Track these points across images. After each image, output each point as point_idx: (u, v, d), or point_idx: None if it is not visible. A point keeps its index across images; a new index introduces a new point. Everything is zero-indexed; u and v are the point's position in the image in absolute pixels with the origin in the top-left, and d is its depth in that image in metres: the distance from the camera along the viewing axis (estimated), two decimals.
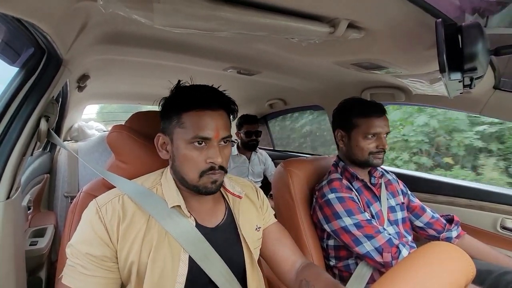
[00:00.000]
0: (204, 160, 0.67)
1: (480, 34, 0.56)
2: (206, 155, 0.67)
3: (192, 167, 0.67)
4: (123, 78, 1.77)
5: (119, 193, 0.68)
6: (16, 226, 0.73)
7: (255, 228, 0.80)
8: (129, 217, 0.65)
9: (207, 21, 0.62)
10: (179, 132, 0.68)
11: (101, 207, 0.64)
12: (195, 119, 0.66)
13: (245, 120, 2.25)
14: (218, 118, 0.68)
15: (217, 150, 0.67)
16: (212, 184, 0.68)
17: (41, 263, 1.13)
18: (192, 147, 0.67)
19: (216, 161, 0.66)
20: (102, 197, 0.68)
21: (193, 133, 0.66)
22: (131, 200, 0.67)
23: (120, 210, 0.65)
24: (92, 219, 0.63)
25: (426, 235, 1.17)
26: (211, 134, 0.66)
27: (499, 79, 1.03)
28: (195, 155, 0.67)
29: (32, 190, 1.34)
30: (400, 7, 0.61)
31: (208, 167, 0.67)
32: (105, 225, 0.62)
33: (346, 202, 1.00)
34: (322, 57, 1.06)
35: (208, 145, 0.67)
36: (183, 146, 0.67)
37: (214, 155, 0.66)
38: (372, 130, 1.03)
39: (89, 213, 0.65)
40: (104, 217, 0.63)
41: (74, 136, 2.03)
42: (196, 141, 0.66)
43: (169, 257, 0.64)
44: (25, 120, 0.72)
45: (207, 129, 0.66)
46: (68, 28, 0.70)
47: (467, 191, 1.35)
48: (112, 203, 0.65)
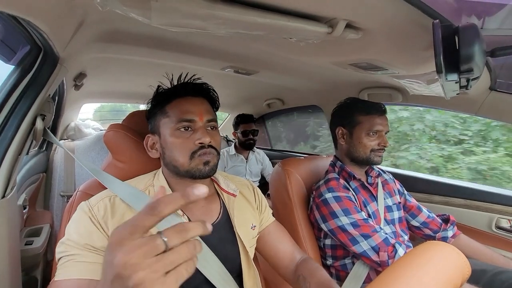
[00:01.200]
0: (192, 143, 0.68)
1: (476, 36, 0.57)
2: (194, 138, 0.68)
3: (182, 151, 0.68)
4: (120, 77, 1.76)
5: (110, 194, 0.67)
6: (11, 225, 0.73)
7: (250, 227, 0.80)
8: (119, 216, 0.64)
9: (205, 20, 0.61)
10: (165, 122, 0.70)
11: (93, 207, 0.64)
12: (177, 106, 0.69)
13: (242, 120, 2.25)
14: (199, 103, 0.71)
15: (204, 131, 0.68)
16: (205, 166, 0.68)
17: (37, 263, 1.12)
18: (179, 133, 0.68)
19: (204, 140, 0.67)
20: (94, 198, 0.67)
21: (177, 118, 0.68)
22: (122, 201, 0.66)
23: (109, 209, 0.64)
24: (84, 218, 0.62)
25: (422, 234, 1.18)
26: (195, 116, 0.68)
27: (495, 80, 1.04)
28: (182, 140, 0.68)
29: (28, 189, 1.33)
30: (398, 8, 0.61)
31: (197, 147, 0.67)
32: (99, 222, 0.61)
33: (343, 201, 1.00)
34: (320, 57, 1.06)
35: (194, 129, 0.69)
36: (170, 134, 0.69)
37: (201, 135, 0.67)
38: (375, 127, 1.05)
39: (81, 213, 0.63)
40: (96, 215, 0.62)
41: (70, 135, 2.01)
42: (181, 126, 0.68)
43: None
44: (21, 118, 0.71)
45: (190, 112, 0.68)
46: (65, 26, 0.70)
47: (463, 191, 1.36)
48: (104, 202, 0.65)
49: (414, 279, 0.44)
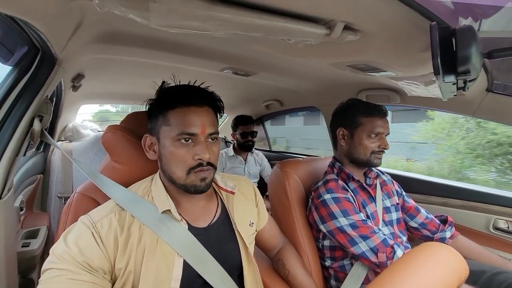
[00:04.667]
0: (191, 157, 0.66)
1: (473, 37, 0.57)
2: (193, 152, 0.66)
3: (179, 164, 0.66)
4: (118, 78, 1.76)
5: (115, 209, 0.66)
6: (7, 227, 0.72)
7: (248, 224, 0.80)
8: (126, 230, 0.63)
9: (203, 21, 0.61)
10: (165, 130, 0.67)
11: (96, 223, 0.62)
12: (180, 116, 0.66)
13: (240, 121, 2.25)
14: (204, 115, 0.68)
15: (204, 146, 0.66)
16: (202, 182, 0.67)
17: (34, 265, 1.11)
18: (179, 144, 0.66)
19: (203, 157, 0.65)
20: (96, 212, 0.65)
21: (178, 130, 0.65)
22: (125, 211, 0.65)
23: (117, 225, 0.62)
24: (86, 233, 0.60)
25: (420, 235, 1.18)
26: (197, 130, 0.66)
27: (492, 81, 1.05)
28: (182, 152, 0.66)
29: (25, 190, 1.33)
30: (396, 10, 0.62)
31: (195, 164, 0.66)
32: (101, 240, 0.60)
33: (341, 202, 1.00)
34: (318, 59, 1.07)
35: (195, 142, 0.67)
36: (169, 144, 0.67)
37: (201, 151, 0.65)
38: (376, 129, 1.05)
39: (83, 226, 0.61)
40: (100, 232, 0.60)
41: (68, 136, 2.00)
42: (182, 138, 0.66)
43: (163, 262, 0.63)
44: (18, 119, 0.71)
45: (192, 125, 0.66)
46: (63, 27, 0.70)
47: (460, 192, 1.37)
48: (108, 218, 0.63)
49: (412, 280, 0.44)
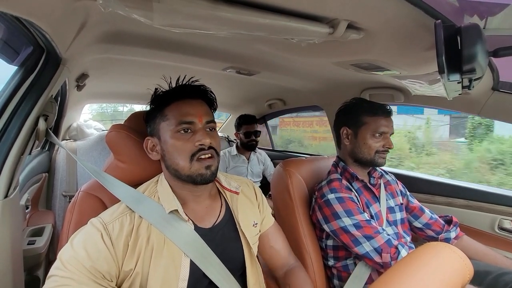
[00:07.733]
0: (192, 145, 0.68)
1: (479, 36, 0.56)
2: (194, 140, 0.68)
3: (182, 153, 0.68)
4: (122, 78, 1.77)
5: (125, 211, 0.66)
6: (13, 225, 0.73)
7: (252, 224, 0.80)
8: (135, 231, 0.64)
9: (207, 21, 0.62)
10: (164, 126, 0.70)
11: (107, 224, 0.62)
12: (176, 109, 0.70)
13: (244, 121, 2.25)
14: (198, 105, 0.72)
15: (203, 133, 0.69)
16: (207, 170, 0.68)
17: (39, 262, 1.12)
18: (179, 136, 0.68)
19: (204, 142, 0.67)
20: (107, 214, 0.66)
21: (176, 120, 0.68)
22: (134, 213, 0.66)
23: (128, 227, 0.63)
24: (95, 235, 0.60)
25: (424, 236, 1.17)
26: (194, 118, 0.69)
27: (498, 80, 1.03)
28: (183, 142, 0.68)
29: (30, 189, 1.34)
30: (400, 8, 0.61)
31: (197, 149, 0.67)
32: (111, 243, 0.60)
33: (345, 202, 1.00)
34: (322, 58, 1.06)
35: (194, 131, 0.69)
36: (170, 137, 0.69)
37: (201, 137, 0.67)
38: (380, 129, 1.05)
39: (93, 228, 0.62)
40: (111, 234, 0.61)
41: (72, 135, 2.02)
42: (181, 128, 0.68)
43: (171, 262, 0.64)
44: (23, 119, 0.71)
45: (189, 114, 0.69)
46: (67, 27, 0.70)
47: (465, 192, 1.35)
48: (120, 220, 0.64)
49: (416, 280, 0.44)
